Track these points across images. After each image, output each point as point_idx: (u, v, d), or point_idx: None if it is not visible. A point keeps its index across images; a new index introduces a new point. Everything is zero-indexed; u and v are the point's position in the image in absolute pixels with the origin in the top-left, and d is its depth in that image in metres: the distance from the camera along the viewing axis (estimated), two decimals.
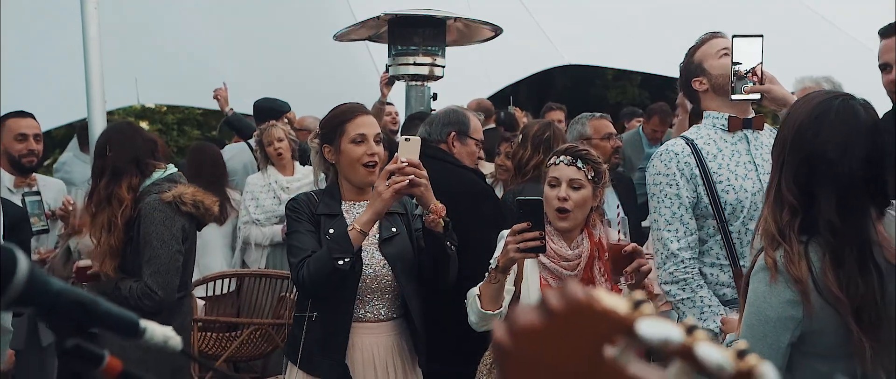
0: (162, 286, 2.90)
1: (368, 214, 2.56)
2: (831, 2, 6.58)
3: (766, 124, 2.87)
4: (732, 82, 2.63)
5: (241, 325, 4.72)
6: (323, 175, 2.93)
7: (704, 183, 2.67)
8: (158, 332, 0.88)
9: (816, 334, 1.86)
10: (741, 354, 0.46)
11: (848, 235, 1.83)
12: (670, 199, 2.68)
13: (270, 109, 6.09)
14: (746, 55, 2.61)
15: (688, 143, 2.74)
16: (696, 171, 2.68)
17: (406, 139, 2.65)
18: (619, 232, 2.58)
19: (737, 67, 2.62)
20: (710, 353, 0.44)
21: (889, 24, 3.19)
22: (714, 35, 2.90)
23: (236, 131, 6.58)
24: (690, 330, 0.44)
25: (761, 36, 2.61)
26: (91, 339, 0.84)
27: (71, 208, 3.88)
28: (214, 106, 6.81)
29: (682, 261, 2.64)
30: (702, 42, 2.89)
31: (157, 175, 3.03)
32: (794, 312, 1.85)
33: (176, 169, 3.15)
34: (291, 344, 2.74)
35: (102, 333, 0.83)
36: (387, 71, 5.94)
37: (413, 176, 2.54)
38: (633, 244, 2.45)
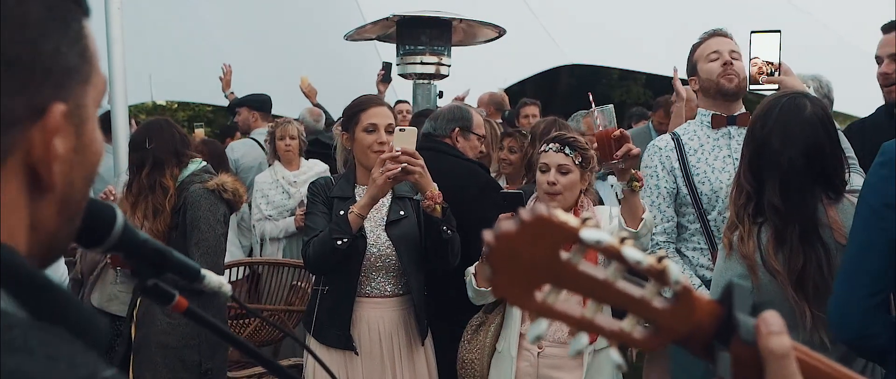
0: (211, 266, 3.12)
1: (365, 199, 2.76)
2: (820, 2, 6.78)
3: None
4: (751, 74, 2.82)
5: (253, 311, 4.88)
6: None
7: (684, 175, 2.90)
8: (214, 279, 1.07)
9: (767, 306, 2.06)
10: (660, 259, 0.65)
11: (790, 216, 2.07)
12: (650, 189, 2.92)
13: (265, 102, 6.33)
14: (764, 50, 2.78)
15: (673, 138, 2.99)
16: (676, 164, 2.92)
17: (401, 129, 2.82)
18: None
19: (754, 61, 2.79)
20: (632, 252, 0.63)
21: (890, 21, 3.35)
22: (712, 34, 3.06)
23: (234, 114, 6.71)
24: (622, 240, 0.63)
25: (779, 31, 2.77)
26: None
27: (111, 199, 4.09)
28: (225, 103, 7.01)
29: (657, 244, 2.90)
30: (700, 41, 3.06)
31: (192, 167, 3.27)
32: (744, 284, 2.07)
33: (205, 162, 3.39)
34: (308, 315, 2.98)
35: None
36: (383, 69, 6.15)
37: (406, 164, 2.71)
38: (621, 129, 2.60)
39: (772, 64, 2.77)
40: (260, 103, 6.31)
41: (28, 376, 0.54)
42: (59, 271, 2.65)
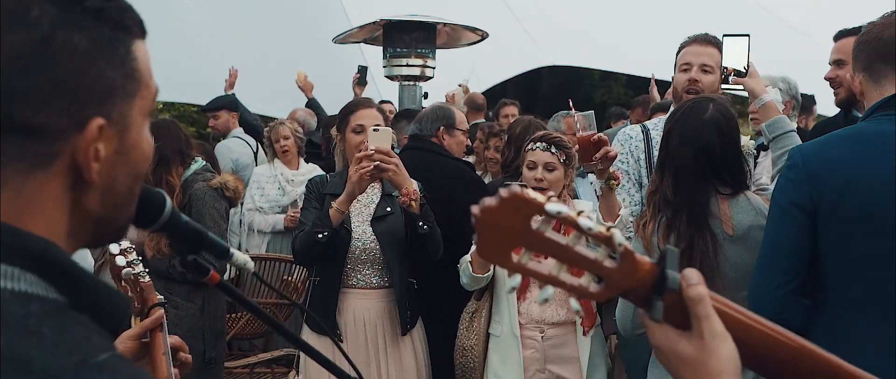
0: (218, 261, 3.27)
1: (343, 195, 2.91)
2: (790, 5, 7.03)
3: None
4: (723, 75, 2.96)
5: (277, 291, 5.00)
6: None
7: (647, 165, 3.13)
8: (240, 257, 1.24)
9: None
10: (608, 228, 0.84)
11: (679, 207, 2.32)
12: (621, 174, 3.06)
13: (237, 103, 6.49)
14: (734, 53, 2.92)
15: (643, 130, 3.18)
16: (642, 155, 3.16)
17: (374, 129, 2.92)
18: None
19: (725, 64, 2.94)
20: (585, 221, 0.81)
21: (838, 31, 3.58)
22: (692, 41, 3.18)
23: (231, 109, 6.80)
24: (579, 212, 0.82)
25: (747, 35, 2.92)
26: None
27: None
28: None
29: (626, 225, 3.06)
30: (682, 45, 3.20)
31: (194, 166, 3.46)
32: (675, 249, 2.36)
33: (205, 162, 3.57)
34: (304, 303, 3.19)
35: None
36: (358, 72, 6.33)
37: (379, 162, 2.85)
38: (600, 134, 2.78)
39: (725, 68, 2.93)
40: (234, 104, 6.47)
41: (28, 358, 0.65)
42: (87, 261, 2.80)
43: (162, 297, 1.65)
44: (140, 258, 1.70)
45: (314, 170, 5.42)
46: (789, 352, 0.96)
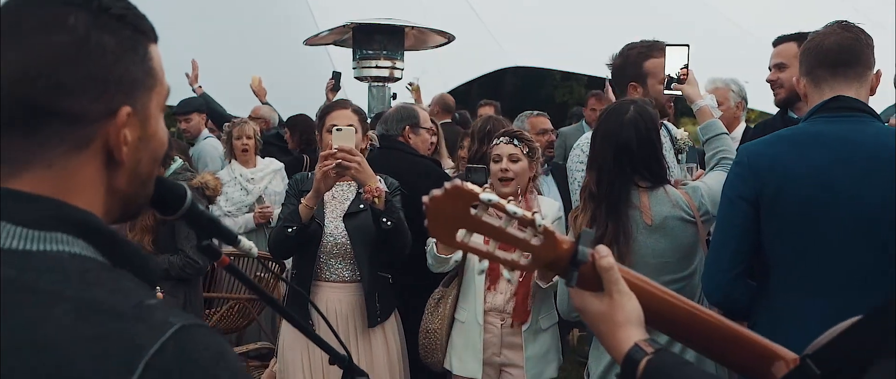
0: (201, 257, 3.40)
1: (310, 192, 3.03)
2: (741, 7, 7.35)
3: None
4: (664, 81, 3.14)
5: (218, 301, 5.12)
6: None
7: None
8: (246, 243, 1.46)
9: None
10: (533, 213, 1.10)
11: (600, 200, 2.57)
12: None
13: (204, 104, 6.56)
14: (675, 60, 3.12)
15: None
16: None
17: (338, 129, 3.04)
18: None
19: (667, 71, 3.12)
20: (512, 207, 1.02)
21: (777, 37, 3.85)
22: (663, 50, 3.22)
23: (208, 111, 6.76)
24: (509, 200, 1.06)
25: (687, 45, 3.13)
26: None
27: None
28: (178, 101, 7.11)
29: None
30: (652, 53, 3.23)
31: (174, 166, 3.60)
32: (590, 231, 2.60)
33: (183, 161, 3.73)
34: (283, 297, 3.36)
35: None
36: (332, 78, 6.53)
37: (341, 160, 2.96)
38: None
39: (667, 75, 3.12)
40: (204, 107, 6.52)
41: (98, 300, 0.79)
42: None
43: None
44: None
45: (271, 163, 5.49)
46: (682, 313, 1.16)
